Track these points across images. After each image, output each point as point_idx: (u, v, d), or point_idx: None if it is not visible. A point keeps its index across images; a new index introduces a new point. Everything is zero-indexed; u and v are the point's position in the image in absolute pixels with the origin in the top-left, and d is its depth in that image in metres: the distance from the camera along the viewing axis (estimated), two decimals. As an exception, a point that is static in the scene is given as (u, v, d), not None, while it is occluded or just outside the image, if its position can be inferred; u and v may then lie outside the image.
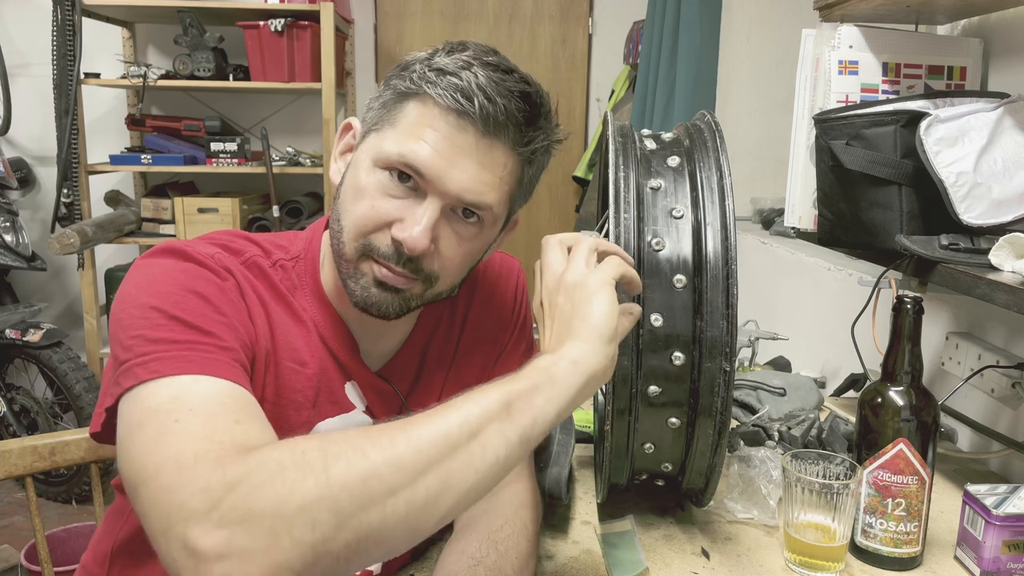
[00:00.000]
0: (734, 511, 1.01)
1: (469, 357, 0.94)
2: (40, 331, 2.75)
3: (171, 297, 0.70)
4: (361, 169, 0.78)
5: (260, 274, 0.81)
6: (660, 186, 0.86)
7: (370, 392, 0.87)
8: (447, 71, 0.74)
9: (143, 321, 0.68)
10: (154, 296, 0.70)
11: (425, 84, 0.75)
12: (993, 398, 1.24)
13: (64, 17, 2.72)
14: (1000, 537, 0.87)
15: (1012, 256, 0.96)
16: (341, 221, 0.79)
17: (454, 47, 0.78)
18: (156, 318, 0.68)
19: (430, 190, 0.75)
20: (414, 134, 0.75)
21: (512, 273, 0.99)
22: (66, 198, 2.85)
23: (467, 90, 0.73)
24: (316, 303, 0.84)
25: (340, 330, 0.85)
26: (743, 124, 2.58)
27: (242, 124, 3.28)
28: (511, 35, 3.46)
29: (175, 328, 0.68)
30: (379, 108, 0.79)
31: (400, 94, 0.77)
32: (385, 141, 0.76)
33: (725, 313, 0.81)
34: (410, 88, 0.76)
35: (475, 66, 0.75)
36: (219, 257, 0.77)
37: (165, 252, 0.76)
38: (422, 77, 0.75)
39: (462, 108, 0.73)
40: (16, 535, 2.61)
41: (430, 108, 0.75)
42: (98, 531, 0.93)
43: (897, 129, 1.07)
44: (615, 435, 0.86)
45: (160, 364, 0.65)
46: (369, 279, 0.78)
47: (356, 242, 0.78)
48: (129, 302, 0.71)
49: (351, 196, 0.78)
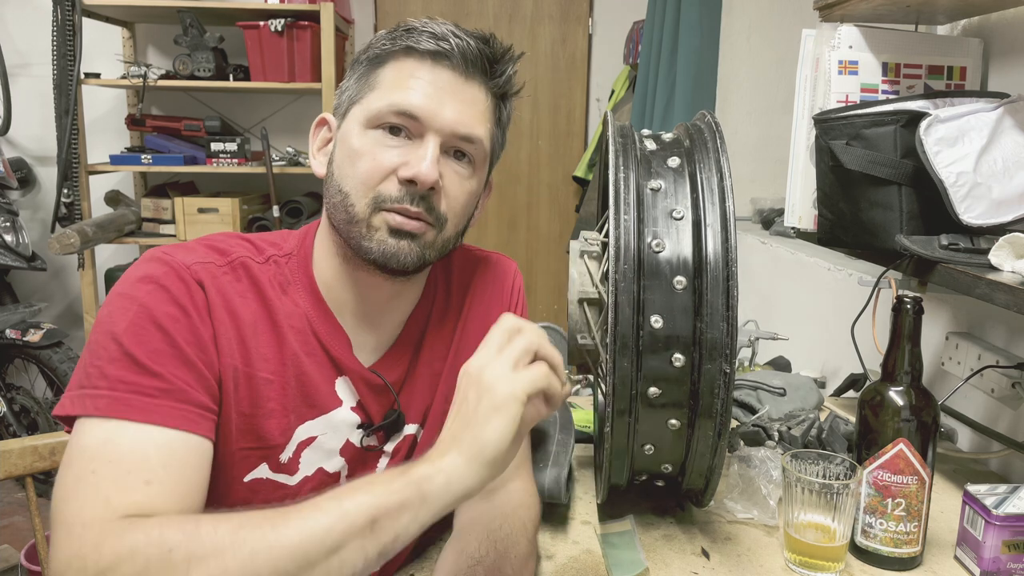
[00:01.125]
0: (734, 511, 1.01)
1: (464, 354, 0.94)
2: (40, 331, 2.75)
3: (132, 329, 0.72)
4: (352, 137, 0.82)
5: (245, 274, 0.82)
6: (660, 187, 0.86)
7: (362, 387, 0.87)
8: (416, 26, 0.81)
9: (103, 351, 0.72)
10: (120, 323, 0.73)
11: (400, 39, 0.81)
12: (993, 398, 1.24)
13: (64, 17, 2.72)
14: (1000, 537, 0.87)
15: (1012, 256, 0.96)
16: (344, 188, 0.81)
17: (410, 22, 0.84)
18: (114, 351, 0.72)
19: (426, 130, 0.80)
20: (398, 85, 0.80)
21: (508, 273, 1.00)
22: (66, 198, 2.85)
23: (442, 34, 0.80)
24: (309, 298, 0.85)
25: (333, 325, 0.85)
26: (743, 124, 2.58)
27: (242, 124, 3.28)
28: (511, 35, 3.46)
29: (127, 367, 0.71)
30: (355, 83, 0.84)
31: (373, 61, 0.83)
32: (372, 103, 0.81)
33: (725, 315, 0.81)
34: (384, 49, 0.82)
35: (438, 19, 0.82)
36: (196, 268, 0.78)
37: (148, 262, 0.78)
38: (394, 36, 0.81)
39: (440, 49, 0.80)
40: (16, 535, 2.61)
41: (407, 60, 0.81)
42: None
43: (897, 129, 1.07)
44: (615, 436, 0.86)
45: (104, 403, 0.70)
46: (383, 231, 0.80)
47: (366, 197, 0.80)
48: (101, 325, 0.74)
49: (348, 162, 0.81)
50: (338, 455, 0.87)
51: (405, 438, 0.92)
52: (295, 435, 0.84)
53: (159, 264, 0.77)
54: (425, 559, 0.95)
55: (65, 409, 0.72)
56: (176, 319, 0.75)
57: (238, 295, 0.81)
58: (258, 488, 0.83)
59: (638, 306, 0.82)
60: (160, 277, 0.76)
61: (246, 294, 0.81)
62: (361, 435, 0.88)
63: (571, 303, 0.96)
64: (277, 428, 0.82)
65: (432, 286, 0.94)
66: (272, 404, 0.81)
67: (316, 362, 0.84)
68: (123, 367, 0.71)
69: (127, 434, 0.69)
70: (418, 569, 0.93)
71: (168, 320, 0.74)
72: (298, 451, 0.84)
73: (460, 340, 0.94)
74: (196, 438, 0.73)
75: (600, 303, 0.95)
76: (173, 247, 0.80)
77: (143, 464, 0.68)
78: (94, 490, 0.65)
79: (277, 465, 0.83)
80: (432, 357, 0.93)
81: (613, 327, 0.81)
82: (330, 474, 0.87)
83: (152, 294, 0.75)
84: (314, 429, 0.85)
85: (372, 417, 0.88)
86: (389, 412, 0.89)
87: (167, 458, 0.69)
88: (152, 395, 0.71)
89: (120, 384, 0.71)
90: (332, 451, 0.87)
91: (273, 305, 0.83)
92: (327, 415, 0.85)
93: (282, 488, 0.84)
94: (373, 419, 0.88)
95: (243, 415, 0.80)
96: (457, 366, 0.93)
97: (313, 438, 0.85)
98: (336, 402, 0.86)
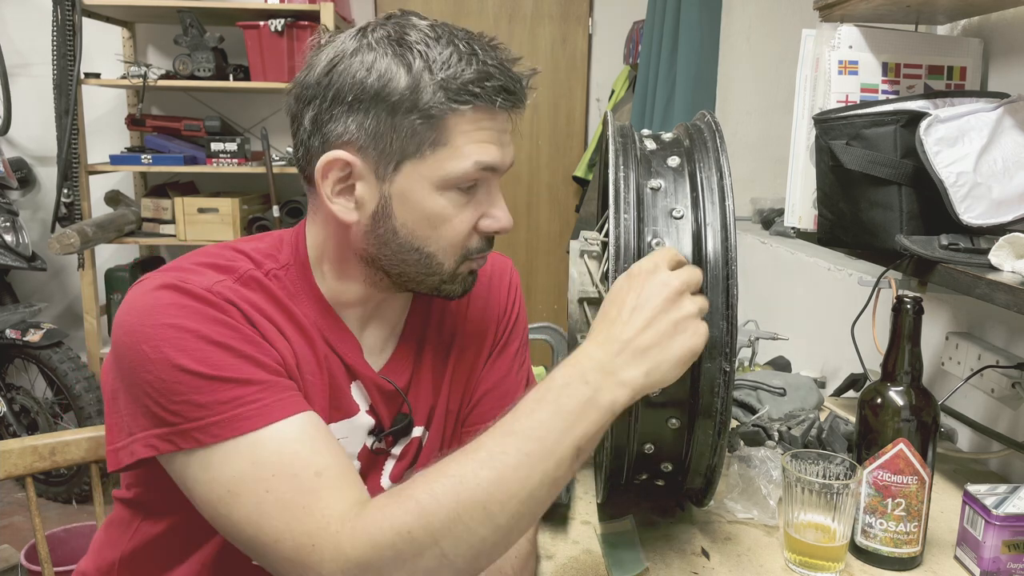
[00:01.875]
0: (734, 511, 1.01)
1: (465, 353, 0.95)
2: (40, 331, 2.75)
3: (195, 354, 0.71)
4: (422, 198, 0.78)
5: (258, 287, 0.80)
6: (660, 186, 0.86)
7: (374, 391, 0.87)
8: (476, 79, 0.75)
9: (180, 386, 0.70)
10: (178, 354, 0.71)
11: (468, 97, 0.75)
12: (993, 398, 1.24)
13: (64, 17, 2.72)
14: (1000, 537, 0.87)
15: (1012, 256, 0.96)
16: (426, 250, 0.80)
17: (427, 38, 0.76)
18: (191, 381, 0.70)
19: (495, 176, 0.81)
20: (473, 140, 0.77)
21: (506, 271, 1.00)
22: (66, 198, 2.85)
23: (508, 87, 0.77)
24: (316, 308, 0.84)
25: (343, 332, 0.85)
26: (743, 124, 2.58)
27: (242, 124, 3.28)
28: (511, 35, 3.46)
29: (217, 388, 0.70)
30: (406, 137, 0.75)
31: (433, 117, 0.75)
32: (444, 163, 0.76)
33: (725, 314, 0.81)
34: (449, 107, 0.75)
35: (479, 53, 0.77)
36: (218, 288, 0.76)
37: (165, 291, 0.74)
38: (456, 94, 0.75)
39: (507, 103, 0.78)
40: (16, 535, 2.61)
41: (473, 113, 0.76)
42: (99, 540, 0.92)
43: (897, 129, 1.07)
44: (615, 435, 0.86)
45: (219, 428, 0.70)
46: (465, 274, 0.84)
47: (455, 256, 0.81)
48: (154, 364, 0.71)
49: (426, 225, 0.79)
50: (356, 459, 0.88)
51: (412, 441, 0.92)
52: None
53: (180, 293, 0.74)
54: (425, 559, 0.95)
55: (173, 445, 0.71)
56: (226, 334, 0.73)
57: (266, 304, 0.80)
58: None
59: (638, 306, 0.82)
60: (191, 304, 0.73)
61: (269, 304, 0.80)
62: (373, 440, 0.88)
63: (571, 303, 0.96)
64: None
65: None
66: (316, 405, 0.81)
67: (336, 367, 0.85)
68: (212, 391, 0.70)
69: (266, 447, 0.70)
70: (418, 569, 0.93)
71: (222, 336, 0.73)
72: None
73: (460, 340, 0.94)
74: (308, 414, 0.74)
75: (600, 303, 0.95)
76: (176, 271, 0.77)
77: (300, 461, 0.70)
78: (284, 507, 0.68)
79: None
80: (434, 357, 0.93)
81: (613, 327, 0.81)
82: None
83: (193, 318, 0.72)
84: (339, 432, 0.84)
85: (383, 421, 0.88)
86: (399, 416, 0.90)
87: (310, 444, 0.71)
88: (254, 401, 0.71)
89: (220, 406, 0.70)
90: (352, 455, 0.87)
91: (294, 312, 0.82)
92: (350, 419, 0.86)
93: None
94: (384, 423, 0.89)
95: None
96: (459, 368, 0.94)
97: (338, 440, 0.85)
98: (356, 407, 0.86)
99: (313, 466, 0.70)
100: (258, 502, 0.68)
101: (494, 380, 0.95)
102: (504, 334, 0.97)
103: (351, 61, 0.76)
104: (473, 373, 0.95)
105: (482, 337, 0.96)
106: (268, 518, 0.68)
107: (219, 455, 0.70)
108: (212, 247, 0.84)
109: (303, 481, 0.69)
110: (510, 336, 0.98)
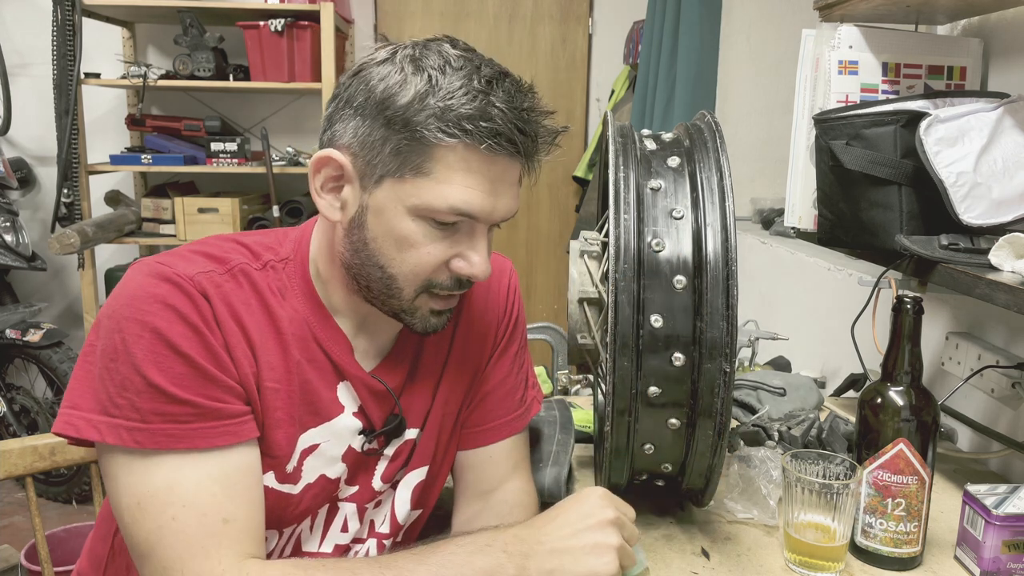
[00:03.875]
0: (734, 511, 1.01)
1: (464, 357, 0.94)
2: (40, 331, 2.75)
3: (150, 357, 0.73)
4: (395, 218, 0.77)
5: (245, 281, 0.81)
6: (660, 186, 0.86)
7: (364, 392, 0.87)
8: (473, 115, 0.72)
9: (128, 383, 0.73)
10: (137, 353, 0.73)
11: (457, 131, 0.73)
12: (993, 398, 1.24)
13: (64, 17, 2.72)
14: (1000, 537, 0.87)
15: (1012, 256, 0.96)
16: (388, 270, 0.79)
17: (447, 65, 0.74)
18: (139, 383, 0.73)
19: (479, 222, 0.78)
20: (455, 180, 0.75)
21: (504, 273, 1.00)
22: (66, 198, 2.85)
23: (507, 133, 0.74)
24: (308, 304, 0.84)
25: (333, 330, 0.85)
26: (743, 124, 2.58)
27: (242, 124, 3.28)
28: (511, 35, 3.46)
29: (156, 398, 0.73)
30: (391, 154, 0.75)
31: (421, 141, 0.74)
32: (423, 193, 0.75)
33: (725, 314, 0.81)
34: (437, 139, 0.73)
35: (492, 93, 0.73)
36: (200, 279, 0.77)
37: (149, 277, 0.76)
38: (447, 125, 0.73)
39: (504, 150, 0.74)
40: (16, 535, 2.61)
41: (464, 152, 0.74)
42: (92, 535, 0.93)
43: (897, 129, 1.07)
44: (615, 436, 0.86)
45: (143, 436, 0.72)
46: (425, 311, 0.82)
47: (414, 285, 0.80)
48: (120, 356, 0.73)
49: (393, 245, 0.78)
50: (340, 461, 0.87)
51: (405, 442, 0.91)
52: (298, 443, 0.83)
53: (162, 281, 0.75)
54: (425, 559, 0.95)
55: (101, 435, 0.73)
56: (189, 338, 0.74)
57: (242, 303, 0.80)
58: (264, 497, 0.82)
59: (638, 305, 0.82)
60: (166, 296, 0.75)
61: (249, 302, 0.80)
62: (363, 441, 0.88)
63: (571, 303, 0.96)
64: (284, 438, 0.82)
65: None
66: (279, 413, 0.81)
67: (318, 368, 0.84)
68: (151, 399, 0.73)
69: (186, 473, 0.73)
70: (418, 569, 0.93)
71: (183, 341, 0.74)
72: (301, 459, 0.84)
73: (458, 344, 0.94)
74: (242, 448, 0.77)
75: (600, 303, 0.95)
76: (170, 256, 0.79)
77: (213, 502, 0.73)
78: (184, 539, 0.71)
79: (284, 475, 0.83)
80: (431, 360, 0.92)
81: (613, 326, 0.81)
82: (331, 480, 0.87)
83: (160, 315, 0.74)
84: (316, 437, 0.84)
85: (373, 422, 0.88)
86: (391, 417, 0.89)
87: (229, 489, 0.74)
88: (188, 421, 0.73)
89: (154, 416, 0.73)
90: (335, 458, 0.86)
91: (275, 312, 0.82)
92: (329, 423, 0.85)
93: (286, 499, 0.84)
94: (374, 424, 0.88)
95: (257, 424, 0.80)
96: (458, 371, 0.94)
97: (315, 446, 0.84)
98: (338, 409, 0.86)
99: (224, 512, 0.73)
100: (161, 526, 0.72)
101: (495, 382, 0.96)
102: (504, 336, 0.97)
103: (373, 70, 0.76)
104: (474, 375, 0.95)
105: (482, 339, 0.96)
106: (165, 546, 0.71)
107: (141, 464, 0.73)
108: (216, 237, 0.85)
109: (209, 523, 0.72)
110: (510, 338, 0.98)
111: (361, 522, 0.90)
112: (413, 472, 0.92)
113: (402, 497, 0.92)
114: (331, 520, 0.89)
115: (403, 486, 0.92)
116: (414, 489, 0.93)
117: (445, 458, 0.95)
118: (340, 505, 0.89)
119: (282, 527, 0.85)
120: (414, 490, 0.93)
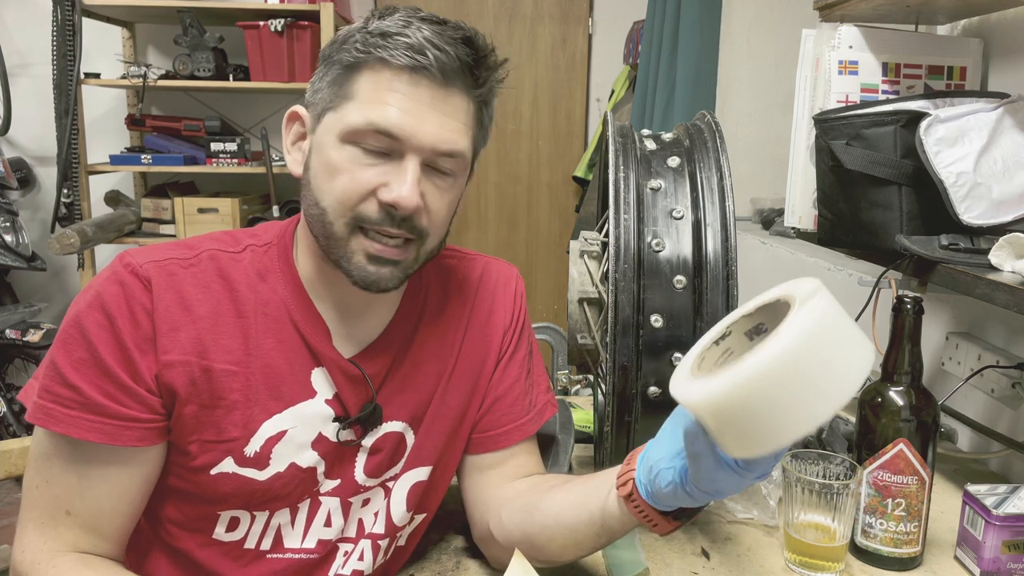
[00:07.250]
0: (734, 511, 1.01)
1: (470, 359, 0.94)
2: (40, 331, 2.75)
3: (63, 337, 0.78)
4: (328, 148, 0.79)
5: (211, 266, 0.83)
6: (660, 186, 0.86)
7: (340, 378, 0.85)
8: (391, 32, 0.76)
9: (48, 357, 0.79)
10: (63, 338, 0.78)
11: (375, 49, 0.76)
12: (993, 398, 1.24)
13: (64, 17, 2.72)
14: (1000, 537, 0.87)
15: (1012, 256, 0.96)
16: (321, 203, 0.80)
17: (383, 12, 0.79)
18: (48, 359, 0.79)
19: (405, 149, 0.77)
20: (376, 99, 0.76)
21: (511, 280, 0.99)
22: (66, 198, 2.85)
23: (418, 45, 0.75)
24: (288, 287, 0.84)
25: (312, 314, 0.85)
26: (743, 124, 2.57)
27: (242, 124, 3.28)
28: (511, 35, 3.46)
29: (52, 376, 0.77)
30: (329, 87, 0.79)
31: (348, 67, 0.78)
32: (347, 115, 0.77)
33: (725, 314, 0.81)
34: (358, 58, 0.77)
35: (414, 23, 0.77)
36: (148, 267, 0.79)
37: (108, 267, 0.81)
38: (368, 44, 0.76)
39: (417, 63, 0.76)
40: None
41: (384, 71, 0.77)
42: None
43: (897, 129, 1.07)
44: (615, 436, 0.86)
45: (32, 407, 0.78)
46: (361, 257, 0.80)
47: (344, 217, 0.79)
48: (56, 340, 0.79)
49: (325, 176, 0.79)
50: (310, 449, 0.85)
51: (387, 435, 0.89)
52: (261, 429, 0.82)
53: (109, 269, 0.79)
54: (425, 559, 0.95)
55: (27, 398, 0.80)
56: (101, 326, 0.77)
57: (199, 287, 0.81)
58: (224, 481, 0.82)
59: (638, 305, 0.82)
60: (101, 283, 0.78)
61: (209, 285, 0.81)
62: (337, 428, 0.86)
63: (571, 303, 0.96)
64: (240, 420, 0.82)
65: (424, 289, 0.93)
66: (235, 396, 0.81)
67: (290, 351, 0.83)
68: (48, 376, 0.77)
69: (62, 453, 0.78)
70: (418, 569, 0.93)
71: (94, 328, 0.77)
72: (267, 446, 0.83)
73: (463, 348, 0.94)
74: (118, 452, 0.79)
75: (600, 303, 0.95)
76: (148, 247, 0.82)
77: (66, 491, 0.78)
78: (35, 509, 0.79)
79: (242, 459, 0.82)
80: (426, 358, 0.91)
81: (613, 326, 0.81)
82: (304, 469, 0.85)
83: (88, 301, 0.78)
84: (282, 423, 0.83)
85: (349, 410, 0.86)
86: (366, 405, 0.87)
87: (85, 484, 0.78)
88: (69, 407, 0.77)
89: (45, 393, 0.77)
90: (303, 445, 0.84)
91: (240, 295, 0.82)
92: (295, 407, 0.84)
93: (250, 483, 0.83)
94: (350, 412, 0.86)
95: (204, 407, 0.80)
96: (461, 374, 0.93)
97: (283, 432, 0.83)
98: (308, 393, 0.84)
99: (71, 503, 0.78)
100: (31, 487, 0.79)
101: (504, 387, 0.95)
102: (511, 342, 0.97)
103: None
104: (480, 380, 0.94)
105: (488, 345, 0.95)
106: (26, 506, 0.79)
107: (39, 431, 0.79)
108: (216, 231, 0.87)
109: (57, 506, 0.78)
110: (517, 344, 0.98)
111: (346, 519, 0.89)
112: (411, 472, 0.92)
113: (398, 498, 0.91)
114: (313, 514, 0.88)
115: (399, 486, 0.92)
116: (411, 490, 0.92)
117: (449, 461, 0.94)
118: (322, 499, 0.88)
119: (252, 509, 0.85)
120: (411, 491, 0.92)
